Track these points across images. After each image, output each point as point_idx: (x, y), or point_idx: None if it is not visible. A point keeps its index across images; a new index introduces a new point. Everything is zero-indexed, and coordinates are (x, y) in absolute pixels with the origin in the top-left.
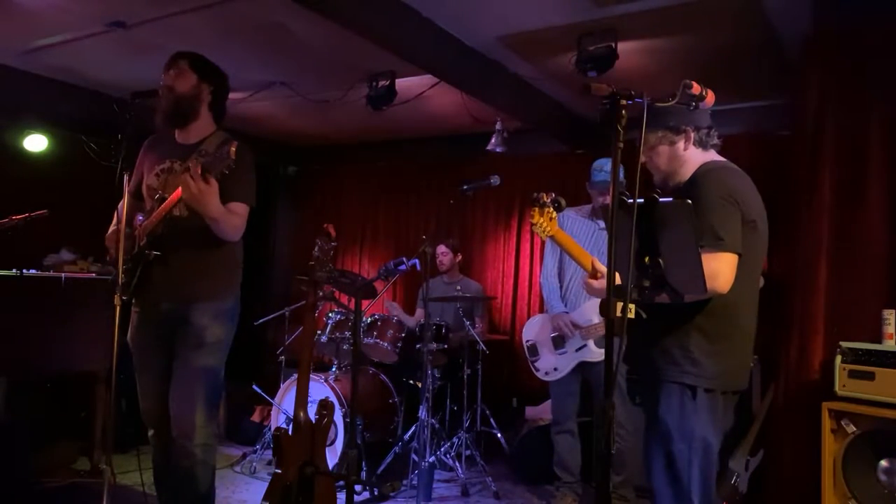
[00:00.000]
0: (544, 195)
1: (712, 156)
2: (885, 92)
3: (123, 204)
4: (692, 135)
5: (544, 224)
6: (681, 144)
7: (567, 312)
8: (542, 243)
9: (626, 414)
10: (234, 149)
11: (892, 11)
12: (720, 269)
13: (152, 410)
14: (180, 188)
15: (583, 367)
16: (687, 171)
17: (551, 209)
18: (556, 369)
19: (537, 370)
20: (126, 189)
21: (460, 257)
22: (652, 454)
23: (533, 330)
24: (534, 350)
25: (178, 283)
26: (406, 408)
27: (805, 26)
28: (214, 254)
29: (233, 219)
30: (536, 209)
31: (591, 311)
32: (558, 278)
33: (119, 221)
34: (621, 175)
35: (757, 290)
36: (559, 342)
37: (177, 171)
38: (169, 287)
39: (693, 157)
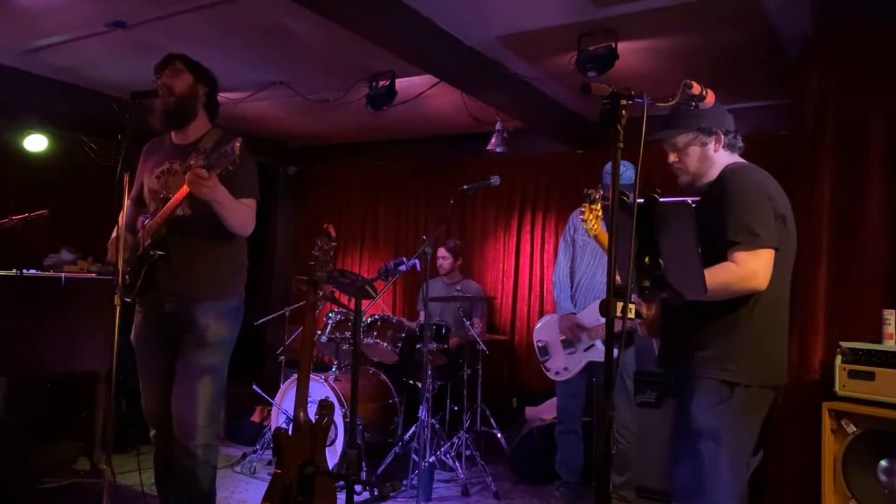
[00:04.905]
0: (594, 191)
1: (737, 158)
2: (884, 92)
3: (123, 211)
4: (722, 137)
5: (592, 221)
6: (711, 146)
7: (574, 313)
8: (544, 243)
9: (631, 415)
10: (238, 144)
11: (892, 11)
12: (759, 266)
13: (155, 410)
14: (186, 185)
15: (591, 367)
16: (714, 173)
17: (598, 207)
18: (566, 369)
19: (548, 370)
20: (126, 194)
21: (461, 262)
22: (679, 452)
23: (544, 330)
24: (545, 351)
25: (181, 283)
26: (406, 408)
27: (805, 26)
28: (218, 253)
29: (243, 209)
30: (587, 205)
31: (598, 312)
32: (570, 278)
33: (120, 228)
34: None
35: (789, 285)
36: (568, 342)
37: (177, 172)
38: (173, 286)
39: (720, 159)
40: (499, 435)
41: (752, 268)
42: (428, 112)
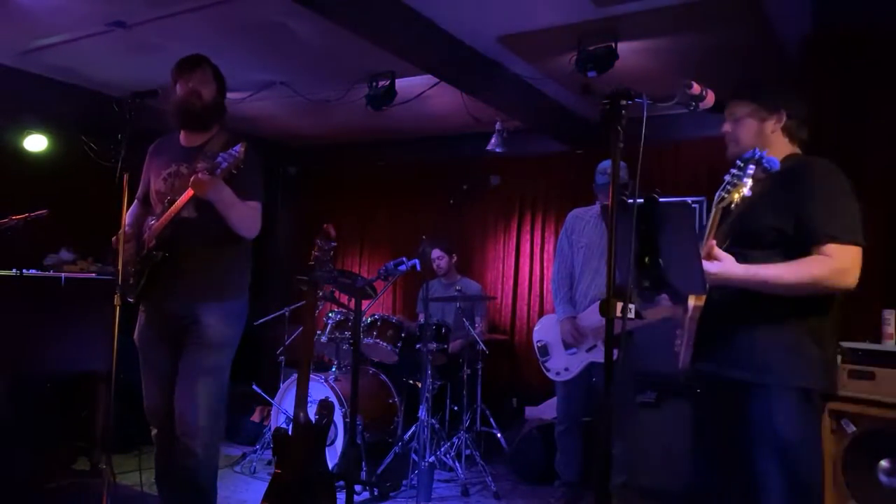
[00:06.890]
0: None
1: (796, 149)
2: (884, 93)
3: (124, 210)
4: (784, 118)
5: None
6: (770, 124)
7: (574, 316)
8: (544, 243)
9: (630, 415)
10: (243, 148)
11: (892, 12)
12: (853, 263)
13: (156, 410)
14: (191, 188)
15: (592, 368)
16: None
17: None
18: (567, 369)
19: (548, 370)
20: (126, 194)
21: (456, 258)
22: (768, 472)
23: (544, 330)
24: (545, 350)
25: (186, 284)
26: (406, 408)
27: (805, 27)
28: (223, 255)
29: (248, 210)
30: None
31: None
32: (569, 279)
33: (128, 226)
34: (626, 174)
35: None
36: (570, 342)
37: (183, 174)
38: (177, 288)
39: (778, 143)
40: (499, 435)
41: (847, 264)
42: (428, 112)
